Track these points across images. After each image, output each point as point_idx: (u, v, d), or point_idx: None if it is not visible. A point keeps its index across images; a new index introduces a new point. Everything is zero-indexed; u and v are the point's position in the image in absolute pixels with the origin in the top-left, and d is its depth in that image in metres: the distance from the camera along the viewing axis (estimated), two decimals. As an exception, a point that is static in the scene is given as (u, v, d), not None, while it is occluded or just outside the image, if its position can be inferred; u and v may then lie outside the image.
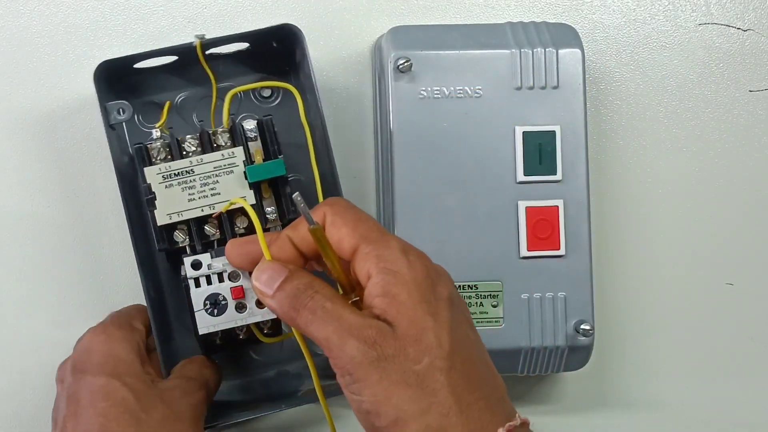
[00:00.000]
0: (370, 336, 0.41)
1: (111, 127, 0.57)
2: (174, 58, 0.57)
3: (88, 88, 0.55)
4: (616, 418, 0.64)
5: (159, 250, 0.55)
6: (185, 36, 0.59)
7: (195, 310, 0.53)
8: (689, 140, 0.65)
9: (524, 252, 0.57)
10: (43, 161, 0.62)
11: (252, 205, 0.53)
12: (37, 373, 0.61)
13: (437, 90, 0.57)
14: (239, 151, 0.54)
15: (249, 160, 0.55)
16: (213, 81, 0.57)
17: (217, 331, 0.54)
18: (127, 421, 0.49)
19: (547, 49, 0.58)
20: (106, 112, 0.57)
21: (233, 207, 0.53)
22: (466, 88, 0.58)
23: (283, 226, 0.55)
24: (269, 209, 0.55)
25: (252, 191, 0.54)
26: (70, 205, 0.62)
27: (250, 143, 0.55)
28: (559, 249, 0.57)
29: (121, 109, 0.58)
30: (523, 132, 0.57)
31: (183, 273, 0.54)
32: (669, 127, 0.65)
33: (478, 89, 0.58)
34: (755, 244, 0.65)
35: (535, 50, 0.58)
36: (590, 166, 0.59)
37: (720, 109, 0.65)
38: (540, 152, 0.58)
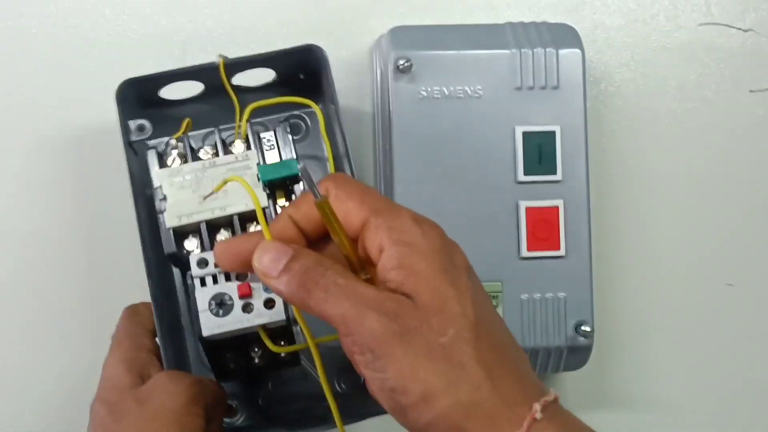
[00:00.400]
0: (390, 308, 0.39)
1: (130, 144, 0.56)
2: (201, 86, 0.57)
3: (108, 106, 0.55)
4: (616, 418, 0.64)
5: (167, 255, 0.53)
6: (189, 47, 0.60)
7: (200, 310, 0.50)
8: (689, 140, 0.65)
9: (524, 252, 0.57)
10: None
11: (264, 208, 0.51)
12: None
13: (437, 90, 0.57)
14: (253, 154, 0.53)
15: (263, 162, 0.54)
16: (236, 102, 0.56)
17: (229, 355, 0.52)
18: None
19: (547, 50, 0.58)
20: (126, 130, 0.56)
21: (229, 184, 0.51)
22: (466, 88, 0.58)
23: None
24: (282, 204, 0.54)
25: (264, 193, 0.53)
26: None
27: (266, 152, 0.54)
28: (559, 249, 0.57)
29: (141, 126, 0.57)
30: (523, 132, 0.57)
31: (189, 273, 0.52)
32: (669, 127, 0.65)
33: (479, 89, 0.58)
34: (755, 244, 0.65)
35: (535, 50, 0.58)
36: (590, 166, 0.58)
37: (720, 109, 0.65)
38: (540, 152, 0.58)
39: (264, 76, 0.58)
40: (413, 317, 0.39)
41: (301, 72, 0.58)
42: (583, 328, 0.57)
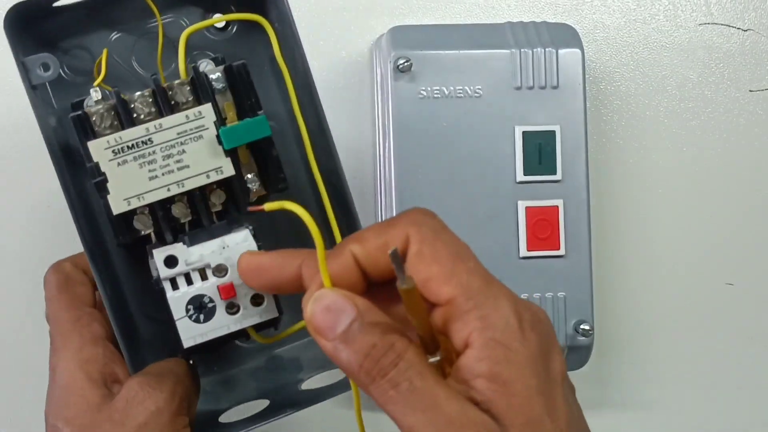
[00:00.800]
0: None
1: (33, 88, 0.44)
2: None
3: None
4: (616, 418, 0.64)
5: (119, 245, 0.44)
6: None
7: (176, 318, 0.43)
8: (689, 140, 0.65)
9: (524, 252, 0.57)
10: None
11: (232, 177, 0.43)
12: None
13: (437, 90, 0.57)
14: (207, 109, 0.43)
15: (220, 119, 0.44)
16: (158, 16, 0.46)
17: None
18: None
19: (547, 49, 0.58)
20: (25, 70, 0.44)
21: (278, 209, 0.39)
22: (466, 87, 0.57)
23: (269, 198, 0.45)
24: (250, 176, 0.45)
25: (229, 159, 0.44)
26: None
27: (217, 97, 0.44)
28: (558, 249, 0.57)
29: (45, 64, 0.45)
30: (523, 132, 0.57)
31: (154, 273, 0.44)
32: (669, 127, 0.65)
33: (478, 89, 0.57)
34: (755, 244, 0.65)
35: (535, 50, 0.58)
36: (590, 166, 0.58)
37: (720, 109, 0.65)
38: (540, 152, 0.57)
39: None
40: None
41: None
42: (582, 327, 0.57)
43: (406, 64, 0.57)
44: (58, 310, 0.47)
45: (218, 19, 0.47)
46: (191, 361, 0.47)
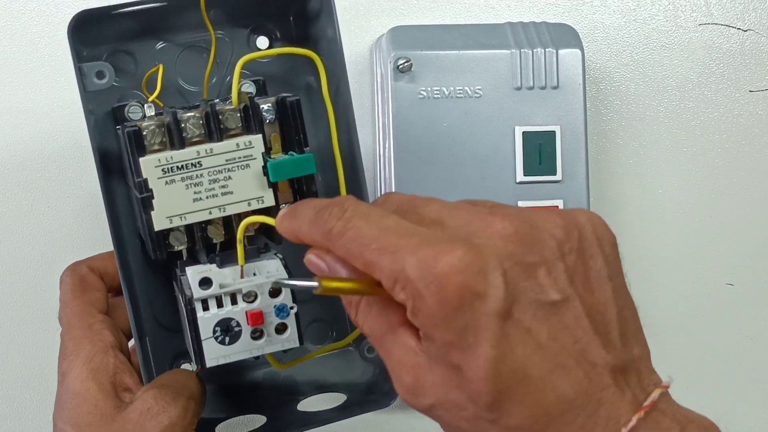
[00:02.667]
0: None
1: (87, 93, 0.46)
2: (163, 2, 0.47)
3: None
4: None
5: (156, 260, 0.45)
6: None
7: (203, 338, 0.44)
8: (689, 140, 0.65)
9: (524, 252, 0.57)
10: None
11: (271, 207, 0.45)
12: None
13: (437, 90, 0.57)
14: (257, 139, 0.44)
15: (266, 150, 0.45)
16: (212, 32, 0.47)
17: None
18: None
19: (547, 50, 0.58)
20: (81, 75, 0.45)
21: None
22: (466, 88, 0.57)
23: None
24: (284, 206, 0.45)
25: (271, 190, 0.45)
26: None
27: (265, 127, 0.45)
28: (559, 249, 0.57)
29: (100, 72, 0.46)
30: (523, 132, 0.57)
31: (188, 292, 0.44)
32: (669, 127, 0.65)
33: (478, 89, 0.57)
34: (755, 244, 0.65)
35: (535, 50, 0.58)
36: (590, 166, 0.58)
37: (720, 109, 0.65)
38: (540, 152, 0.57)
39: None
40: None
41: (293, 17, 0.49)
42: (583, 327, 0.57)
43: (406, 64, 0.56)
44: (71, 316, 0.47)
45: (274, 52, 0.49)
46: (198, 375, 0.48)
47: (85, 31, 0.45)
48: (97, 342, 0.46)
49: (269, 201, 0.45)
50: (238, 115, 0.45)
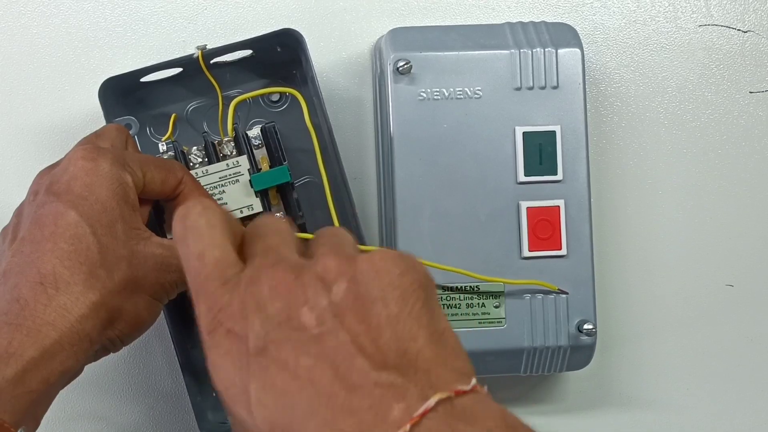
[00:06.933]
0: None
1: None
2: (179, 70, 0.58)
3: (95, 103, 0.55)
4: (619, 418, 0.64)
5: None
6: (190, 48, 0.59)
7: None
8: (689, 141, 0.65)
9: (526, 252, 0.57)
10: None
11: (260, 213, 0.54)
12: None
13: (437, 91, 0.57)
14: (243, 159, 0.55)
15: (255, 168, 0.55)
16: (218, 90, 0.58)
17: None
18: (82, 272, 0.44)
19: (546, 49, 0.58)
20: None
21: None
22: (466, 89, 0.57)
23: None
24: (278, 215, 0.56)
25: (258, 199, 0.55)
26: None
27: (255, 151, 0.55)
28: (560, 249, 0.57)
29: (128, 125, 0.57)
30: (524, 132, 0.57)
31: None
32: (669, 128, 0.65)
33: (478, 90, 0.57)
34: (755, 245, 0.65)
35: (534, 50, 0.58)
36: (590, 167, 0.58)
37: (720, 110, 0.65)
38: (540, 152, 0.57)
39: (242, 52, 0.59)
40: None
41: (279, 49, 0.58)
42: (586, 327, 0.57)
43: (405, 65, 0.56)
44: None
45: (261, 92, 0.59)
46: None
47: (119, 94, 0.57)
48: (120, 154, 0.49)
49: (257, 207, 0.55)
50: (232, 144, 0.56)
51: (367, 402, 0.32)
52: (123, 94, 0.57)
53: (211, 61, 0.57)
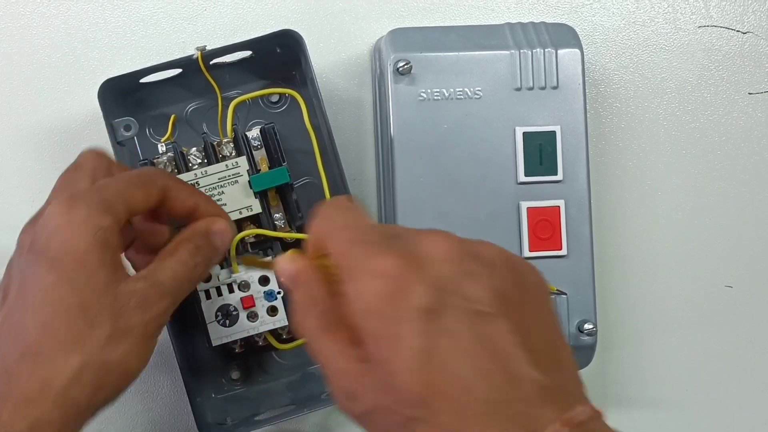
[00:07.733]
0: None
1: (119, 144, 0.57)
2: (178, 70, 0.57)
3: (94, 104, 0.55)
4: (619, 418, 0.63)
5: None
6: (190, 49, 0.58)
7: (207, 322, 0.54)
8: (689, 142, 0.65)
9: (526, 252, 0.57)
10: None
11: (259, 214, 0.55)
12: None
13: (437, 92, 0.57)
14: (242, 160, 0.55)
15: (254, 168, 0.55)
16: (217, 91, 0.57)
17: (236, 341, 0.55)
18: (64, 336, 0.43)
19: (546, 50, 0.58)
20: (112, 130, 0.56)
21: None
22: (466, 89, 0.57)
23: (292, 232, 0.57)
24: (277, 215, 0.56)
25: (258, 200, 0.55)
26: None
27: (255, 152, 0.55)
28: (560, 249, 0.57)
29: (127, 126, 0.57)
30: (524, 132, 0.57)
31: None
32: (668, 129, 0.65)
33: (478, 90, 0.58)
34: (755, 246, 0.65)
35: (534, 51, 0.58)
36: (590, 168, 0.58)
37: (719, 111, 0.65)
38: (540, 153, 0.57)
39: (241, 53, 0.58)
40: None
41: (279, 50, 0.58)
42: (586, 326, 0.57)
43: (405, 66, 0.57)
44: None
45: (260, 92, 0.59)
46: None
47: (118, 95, 0.57)
48: (98, 192, 0.47)
49: (257, 208, 0.55)
50: (231, 145, 0.55)
51: (528, 393, 0.35)
52: (122, 95, 0.57)
53: (211, 62, 0.57)
